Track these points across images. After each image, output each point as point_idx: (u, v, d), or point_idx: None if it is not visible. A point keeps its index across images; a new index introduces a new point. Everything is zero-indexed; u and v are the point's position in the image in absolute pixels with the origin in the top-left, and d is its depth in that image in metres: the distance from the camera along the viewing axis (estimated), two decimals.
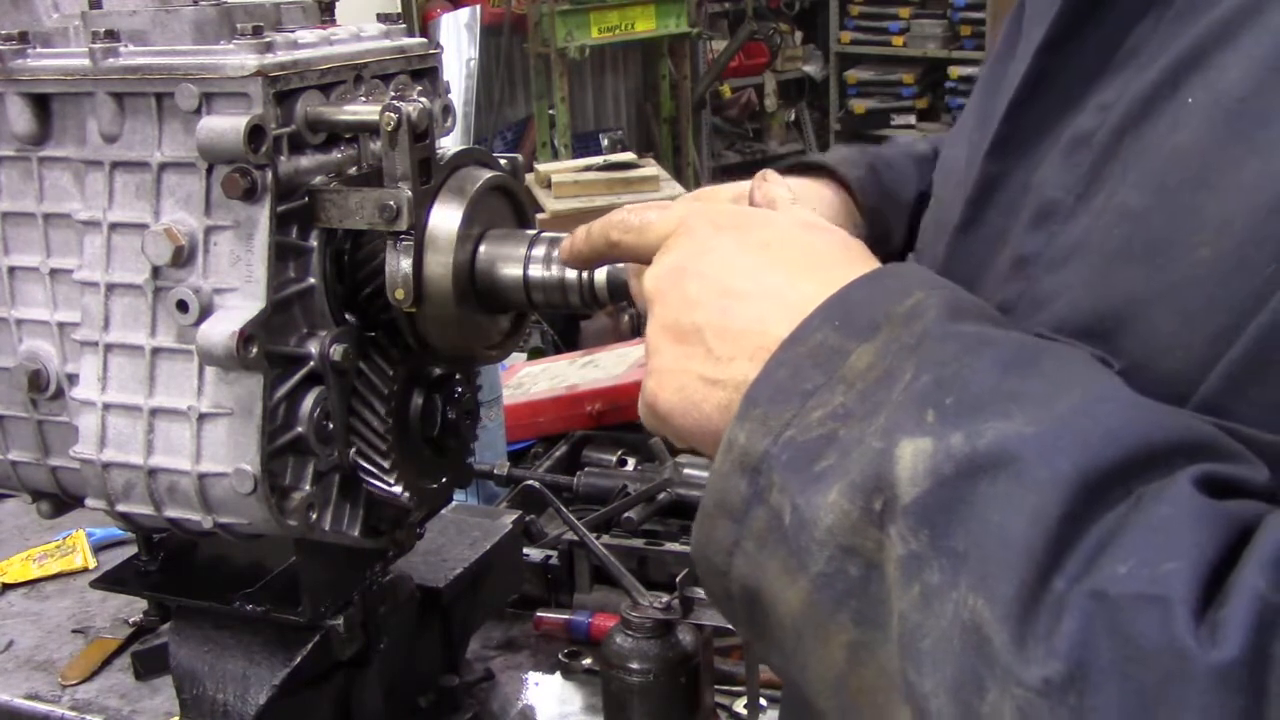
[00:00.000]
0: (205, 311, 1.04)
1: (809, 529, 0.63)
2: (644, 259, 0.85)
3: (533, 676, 1.60)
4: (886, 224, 1.15)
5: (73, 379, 1.14)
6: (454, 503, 1.50)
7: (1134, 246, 0.66)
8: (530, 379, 2.41)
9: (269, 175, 1.03)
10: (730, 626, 1.40)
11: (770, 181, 0.91)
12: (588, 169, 4.49)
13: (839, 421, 0.64)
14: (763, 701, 1.44)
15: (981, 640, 0.55)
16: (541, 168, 4.66)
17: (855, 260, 0.76)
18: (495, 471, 1.96)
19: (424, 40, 1.24)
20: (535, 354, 2.77)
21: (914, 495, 0.59)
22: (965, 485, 0.58)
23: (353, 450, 1.13)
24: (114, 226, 1.09)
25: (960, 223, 0.83)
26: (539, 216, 4.10)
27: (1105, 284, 0.68)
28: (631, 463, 2.11)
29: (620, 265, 1.08)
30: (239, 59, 1.02)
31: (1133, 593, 0.52)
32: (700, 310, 0.76)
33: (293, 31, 1.12)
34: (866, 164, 1.16)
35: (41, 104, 1.12)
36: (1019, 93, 0.78)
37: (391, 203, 1.05)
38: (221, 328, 1.01)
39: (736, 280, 0.76)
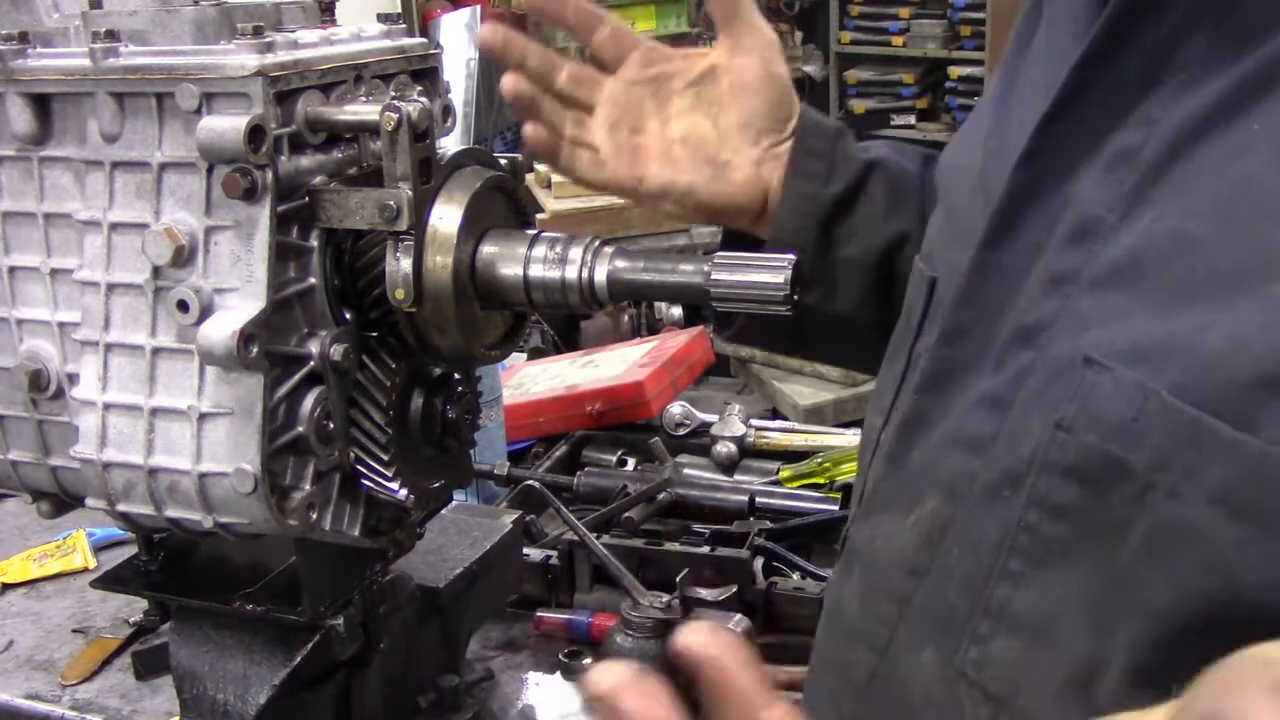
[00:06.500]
0: (205, 311, 1.04)
1: None
2: None
3: (533, 676, 1.60)
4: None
5: (73, 379, 1.13)
6: (454, 503, 1.50)
7: (1197, 276, 0.64)
8: (530, 379, 2.41)
9: (269, 175, 1.02)
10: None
11: None
12: None
13: None
14: None
15: None
16: (542, 167, 4.65)
17: None
18: (495, 471, 1.96)
19: (424, 40, 1.24)
20: (535, 354, 2.77)
21: None
22: None
23: (353, 450, 1.13)
24: (114, 226, 1.09)
25: (987, 235, 0.79)
26: (539, 216, 4.10)
27: (1162, 311, 0.66)
28: (631, 463, 2.12)
29: (621, 266, 1.08)
30: (239, 59, 1.02)
31: None
32: None
33: (293, 31, 1.12)
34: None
35: (42, 104, 1.12)
36: (1055, 105, 0.75)
37: (392, 203, 1.05)
38: (222, 327, 1.01)
39: None
